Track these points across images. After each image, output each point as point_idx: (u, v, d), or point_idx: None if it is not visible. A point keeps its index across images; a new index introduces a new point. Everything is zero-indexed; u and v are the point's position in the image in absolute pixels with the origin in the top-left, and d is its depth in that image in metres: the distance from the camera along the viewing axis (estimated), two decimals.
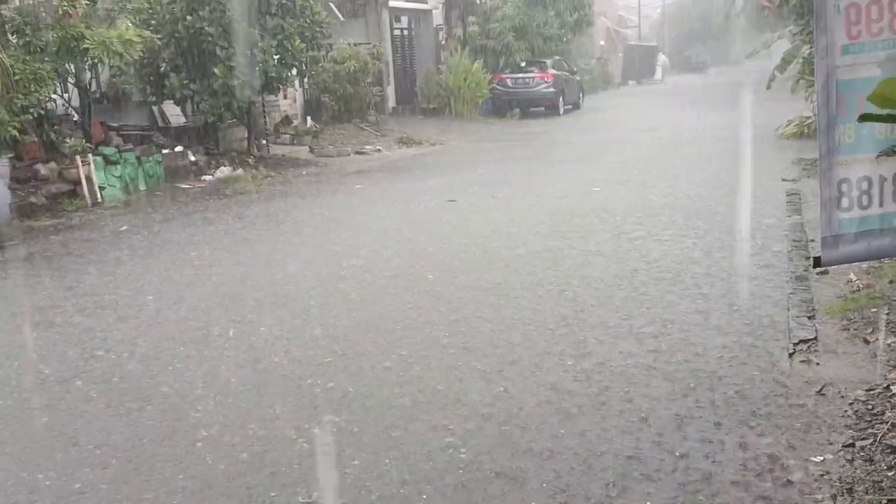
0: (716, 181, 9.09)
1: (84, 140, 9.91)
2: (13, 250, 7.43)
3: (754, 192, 8.14)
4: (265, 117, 14.01)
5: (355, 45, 17.32)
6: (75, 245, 7.48)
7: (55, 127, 9.98)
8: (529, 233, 6.90)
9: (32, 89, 9.03)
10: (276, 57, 12.06)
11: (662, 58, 41.18)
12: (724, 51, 46.13)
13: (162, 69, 11.84)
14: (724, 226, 6.70)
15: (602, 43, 37.20)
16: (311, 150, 14.26)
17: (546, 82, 21.09)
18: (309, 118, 16.45)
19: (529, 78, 21.10)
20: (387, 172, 11.91)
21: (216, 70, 11.34)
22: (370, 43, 18.50)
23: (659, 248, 6.06)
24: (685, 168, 10.36)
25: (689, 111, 19.28)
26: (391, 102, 19.87)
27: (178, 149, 11.68)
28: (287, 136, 15.10)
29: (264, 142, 13.59)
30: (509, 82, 21.12)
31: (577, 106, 23.34)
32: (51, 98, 9.89)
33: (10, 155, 9.09)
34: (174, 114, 13.31)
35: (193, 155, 11.88)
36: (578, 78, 24.66)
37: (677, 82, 36.00)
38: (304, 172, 12.09)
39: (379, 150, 14.88)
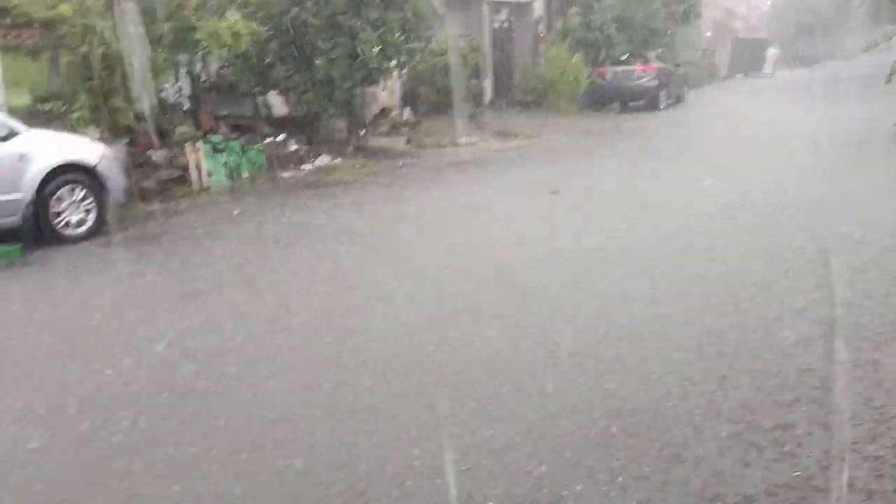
0: (829, 180, 8.61)
1: (194, 128, 10.34)
2: (133, 231, 7.84)
3: (871, 193, 7.67)
4: (364, 108, 14.24)
5: (455, 37, 17.35)
6: (196, 228, 7.85)
7: (167, 115, 10.45)
8: (633, 228, 6.70)
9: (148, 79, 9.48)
10: (376, 49, 12.22)
11: (772, 51, 39.38)
12: (838, 44, 43.74)
13: (267, 60, 12.20)
14: (839, 227, 6.33)
15: (709, 35, 35.92)
16: (408, 142, 14.40)
17: (647, 75, 20.54)
18: (407, 110, 16.61)
19: (630, 71, 20.59)
20: (483, 165, 11.89)
21: (318, 62, 11.59)
22: (469, 35, 18.50)
23: (769, 249, 5.78)
24: (795, 166, 9.87)
25: (800, 106, 18.39)
26: (488, 95, 19.82)
27: (280, 138, 12.04)
28: (385, 127, 15.29)
29: (362, 132, 13.82)
30: (608, 75, 20.68)
31: (679, 100, 22.64)
32: (164, 87, 10.36)
33: (126, 141, 9.58)
34: (277, 104, 13.70)
35: (295, 144, 12.21)
36: (682, 71, 23.92)
37: (788, 76, 34.39)
38: (400, 163, 12.22)
39: (475, 142, 14.87)
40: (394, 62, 13.01)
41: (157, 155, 10.00)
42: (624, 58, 21.06)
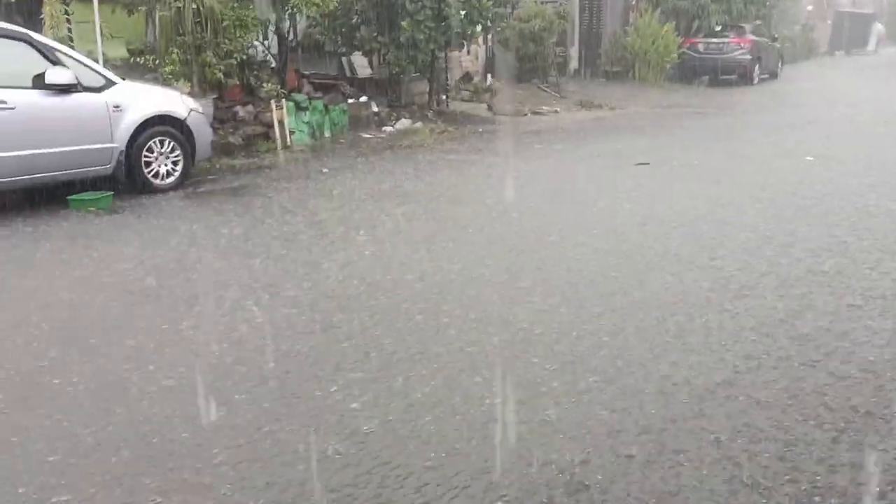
0: None
1: (279, 86, 10.44)
2: (220, 183, 8.00)
3: None
4: (447, 73, 14.12)
5: (542, 3, 17.00)
6: (284, 183, 7.91)
7: (255, 72, 10.58)
8: (731, 204, 6.42)
9: (237, 35, 9.59)
10: (462, 13, 12.06)
11: (878, 27, 37.18)
12: None
13: (354, 21, 12.19)
14: None
15: (809, 8, 34.17)
16: (489, 108, 14.24)
17: (741, 48, 19.72)
18: (489, 76, 16.40)
19: (724, 43, 19.80)
20: (565, 134, 11.65)
21: (404, 23, 11.52)
22: (557, 1, 18.09)
23: (873, 234, 5.48)
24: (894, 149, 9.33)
25: None
26: (573, 64, 19.40)
27: (363, 99, 12.07)
28: (466, 92, 15.15)
29: (444, 97, 13.72)
30: (700, 47, 19.94)
31: (773, 75, 21.68)
32: (253, 44, 10.48)
33: (214, 96, 9.74)
34: (361, 65, 13.71)
35: (376, 106, 12.22)
36: (779, 45, 22.85)
37: (893, 54, 32.47)
38: (480, 129, 12.10)
39: (556, 111, 14.62)
40: (479, 27, 12.83)
41: (244, 111, 10.15)
42: (718, 29, 20.25)
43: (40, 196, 6.94)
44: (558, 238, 5.51)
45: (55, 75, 6.81)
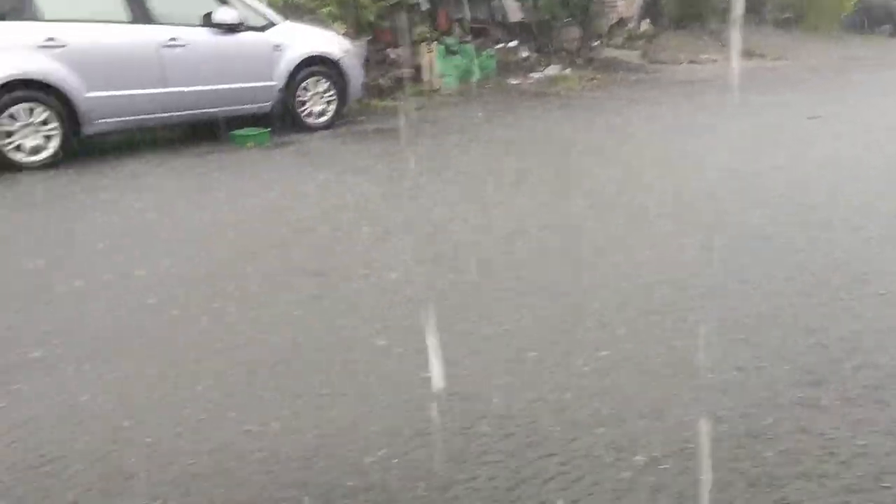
0: None
1: (430, 29, 10.46)
2: (373, 124, 8.20)
3: None
4: (600, 18, 13.63)
5: None
6: (438, 125, 7.95)
7: (407, 15, 10.64)
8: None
9: None
10: None
11: None
12: None
13: None
14: None
15: None
16: (644, 56, 13.64)
17: None
18: (646, 21, 15.67)
19: None
20: (724, 85, 10.97)
21: None
22: None
23: None
24: None
25: None
26: (738, 10, 18.15)
27: (512, 44, 11.89)
28: (620, 38, 14.57)
29: (596, 43, 13.27)
30: None
31: None
32: None
33: (367, 38, 9.90)
34: (513, 9, 13.46)
35: (525, 51, 12.01)
36: None
37: None
38: (632, 78, 11.64)
39: (715, 60, 13.79)
40: None
41: (394, 54, 10.27)
42: None
43: (201, 131, 7.36)
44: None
45: (223, 14, 7.14)
